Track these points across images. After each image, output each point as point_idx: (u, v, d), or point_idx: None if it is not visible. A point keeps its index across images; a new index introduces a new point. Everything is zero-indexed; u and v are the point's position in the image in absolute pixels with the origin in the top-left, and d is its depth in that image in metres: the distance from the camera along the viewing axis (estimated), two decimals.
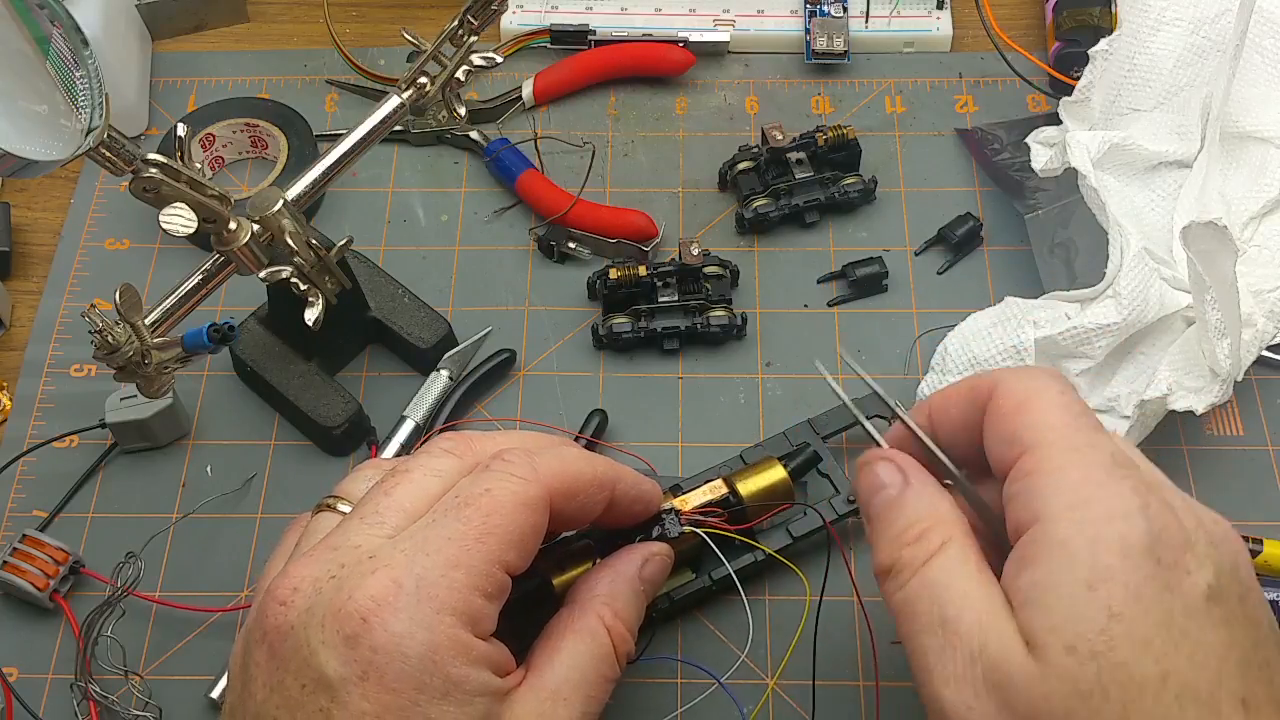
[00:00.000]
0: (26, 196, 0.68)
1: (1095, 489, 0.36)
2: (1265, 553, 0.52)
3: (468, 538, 0.38)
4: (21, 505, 0.57)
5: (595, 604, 0.43)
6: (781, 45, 0.72)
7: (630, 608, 0.43)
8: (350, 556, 0.38)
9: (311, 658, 0.36)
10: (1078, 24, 0.67)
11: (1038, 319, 0.56)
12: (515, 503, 0.39)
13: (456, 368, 0.60)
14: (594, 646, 0.41)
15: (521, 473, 0.40)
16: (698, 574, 0.52)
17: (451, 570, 0.37)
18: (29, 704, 0.52)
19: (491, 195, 0.67)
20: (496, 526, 0.38)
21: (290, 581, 0.38)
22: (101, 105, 0.43)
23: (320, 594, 0.37)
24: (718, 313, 0.60)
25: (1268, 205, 0.60)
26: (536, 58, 0.72)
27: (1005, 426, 0.39)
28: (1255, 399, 0.58)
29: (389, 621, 0.36)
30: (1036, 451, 0.38)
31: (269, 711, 0.37)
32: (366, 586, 0.37)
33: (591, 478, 0.42)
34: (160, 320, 0.50)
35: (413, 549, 0.38)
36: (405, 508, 0.40)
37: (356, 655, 0.36)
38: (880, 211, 0.65)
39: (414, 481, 0.41)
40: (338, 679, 0.36)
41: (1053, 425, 0.38)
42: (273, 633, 0.38)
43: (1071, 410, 0.39)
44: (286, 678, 0.37)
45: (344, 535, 0.39)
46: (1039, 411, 0.38)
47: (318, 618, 0.37)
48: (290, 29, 0.75)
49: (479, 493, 0.39)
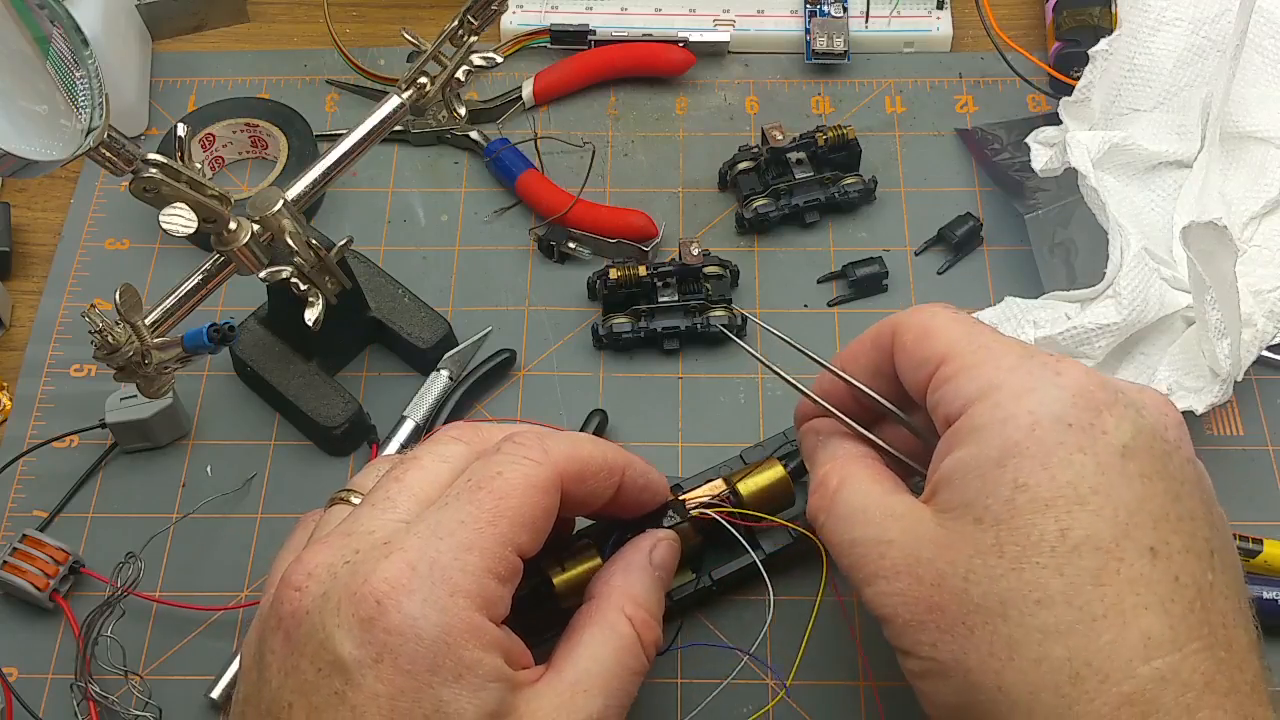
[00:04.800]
0: (26, 196, 0.68)
1: (1006, 374, 0.39)
2: (1265, 553, 0.52)
3: (480, 520, 0.38)
4: (21, 505, 0.57)
5: (613, 596, 0.43)
6: (781, 45, 0.72)
7: (648, 594, 0.43)
8: (364, 542, 0.39)
9: (327, 641, 0.37)
10: (1078, 24, 0.67)
11: (1038, 319, 0.56)
12: (527, 484, 0.39)
13: (456, 368, 0.60)
14: (614, 637, 0.41)
15: (533, 455, 0.40)
16: (698, 574, 0.52)
17: (465, 553, 0.38)
18: (29, 704, 0.52)
19: (491, 195, 0.67)
20: (509, 509, 0.39)
21: (305, 567, 0.38)
22: (101, 105, 0.43)
23: (335, 579, 0.38)
24: (718, 313, 0.60)
25: (1268, 205, 0.60)
26: (536, 58, 0.72)
27: (914, 354, 0.42)
28: (1255, 399, 0.58)
29: (403, 604, 0.36)
30: (948, 361, 0.40)
31: (284, 697, 0.37)
32: (381, 570, 0.37)
33: (602, 461, 0.42)
34: (160, 320, 0.50)
35: (426, 533, 0.38)
36: (417, 494, 0.40)
37: (371, 638, 0.36)
38: (880, 211, 0.65)
39: (425, 468, 0.41)
40: (352, 661, 0.36)
41: (956, 337, 0.41)
42: (288, 618, 0.38)
43: (969, 323, 0.42)
44: (302, 662, 0.37)
45: (357, 522, 0.40)
46: (940, 331, 0.41)
47: (333, 602, 0.37)
48: (290, 29, 0.75)
49: (491, 475, 0.39)
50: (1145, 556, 0.36)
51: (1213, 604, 0.36)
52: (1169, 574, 0.36)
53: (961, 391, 0.39)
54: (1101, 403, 0.38)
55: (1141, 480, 0.37)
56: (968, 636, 0.37)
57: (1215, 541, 0.38)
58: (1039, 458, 0.37)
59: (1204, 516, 0.38)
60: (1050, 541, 0.36)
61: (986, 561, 0.37)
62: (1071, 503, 0.36)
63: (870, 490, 0.42)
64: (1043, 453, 0.37)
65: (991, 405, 0.38)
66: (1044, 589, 0.36)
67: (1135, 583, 0.35)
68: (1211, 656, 0.35)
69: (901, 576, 0.39)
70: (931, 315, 0.42)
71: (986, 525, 0.37)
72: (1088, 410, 0.37)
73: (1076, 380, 0.38)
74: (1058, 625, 0.35)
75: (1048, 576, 0.36)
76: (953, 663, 0.37)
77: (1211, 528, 0.38)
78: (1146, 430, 0.38)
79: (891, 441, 0.46)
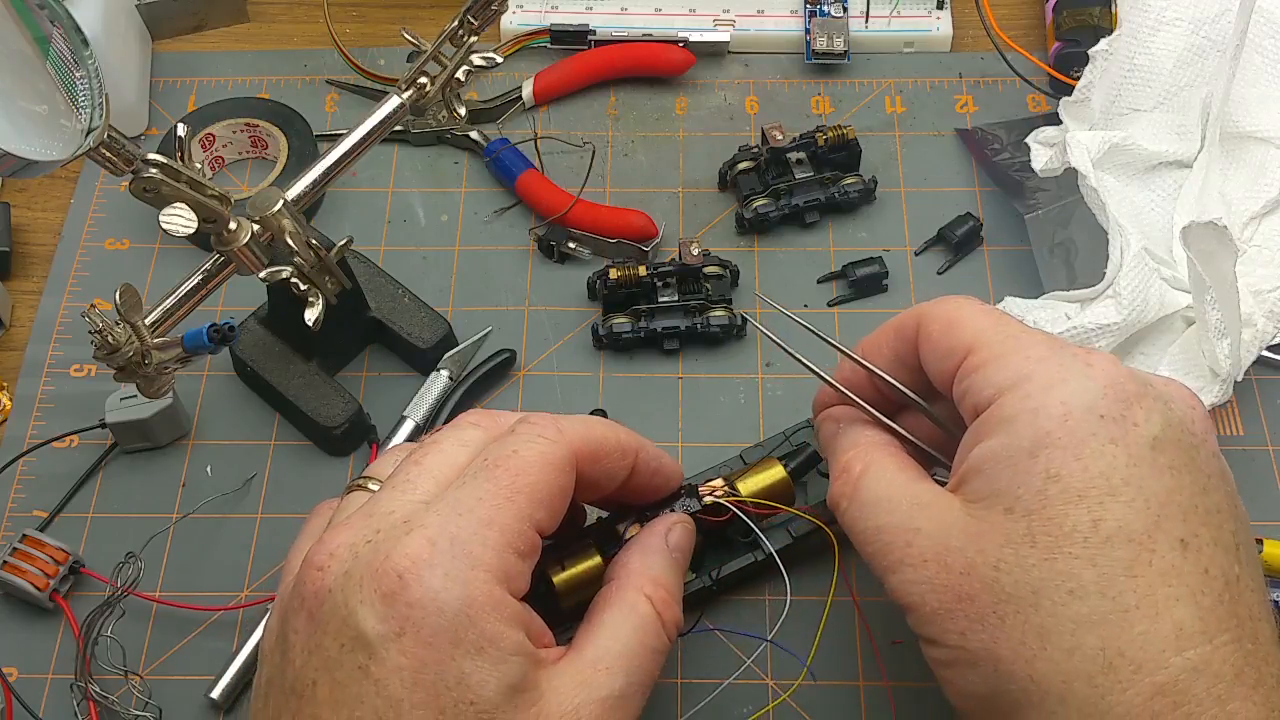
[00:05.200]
0: (26, 196, 0.68)
1: (1036, 364, 0.39)
2: (1265, 553, 0.52)
3: (498, 496, 0.39)
4: (21, 505, 0.57)
5: (632, 577, 0.43)
6: (781, 45, 0.72)
7: (667, 574, 0.44)
8: (385, 522, 0.39)
9: (350, 617, 0.37)
10: (1078, 24, 0.67)
11: (1038, 319, 0.56)
12: (543, 462, 0.40)
13: (456, 368, 0.60)
14: (634, 617, 0.42)
15: (548, 434, 0.41)
16: (698, 574, 0.52)
17: (484, 529, 0.38)
18: (29, 704, 0.52)
19: (491, 195, 0.67)
20: (526, 485, 0.39)
21: (327, 548, 0.39)
22: (101, 105, 0.43)
23: (358, 557, 0.38)
24: (718, 313, 0.60)
25: (1268, 205, 0.60)
26: (536, 58, 0.72)
27: (941, 344, 0.42)
28: (1255, 399, 0.58)
29: (425, 577, 0.37)
30: (976, 351, 0.40)
31: (307, 675, 0.37)
32: (403, 546, 0.37)
33: (616, 443, 0.43)
34: (160, 320, 0.50)
35: (446, 510, 0.39)
36: (436, 475, 0.41)
37: (394, 612, 0.36)
38: (880, 211, 0.65)
39: (443, 451, 0.42)
40: (375, 636, 0.36)
41: (984, 328, 0.41)
42: (311, 598, 0.38)
43: (996, 314, 0.42)
44: (325, 639, 0.37)
45: (378, 503, 0.40)
46: (967, 322, 0.41)
47: (355, 579, 0.37)
48: (290, 29, 0.75)
49: (507, 454, 0.40)
50: (1176, 548, 0.36)
51: (1240, 597, 0.36)
52: (1199, 566, 0.36)
53: (991, 381, 0.39)
54: (1132, 395, 0.38)
55: (1171, 472, 0.37)
56: (999, 626, 0.37)
57: (1241, 535, 0.38)
58: (1071, 449, 0.37)
59: (1230, 510, 0.38)
60: (1083, 532, 0.36)
61: (1018, 551, 0.37)
62: (1104, 494, 0.36)
63: (895, 478, 0.42)
64: (1075, 443, 0.37)
65: (1022, 395, 0.38)
66: (1077, 579, 0.36)
67: (1167, 574, 0.36)
68: (1240, 649, 0.35)
69: (929, 565, 0.39)
70: (958, 306, 0.42)
71: (1018, 515, 0.37)
72: (1119, 402, 0.37)
73: (1107, 372, 0.38)
74: (1091, 615, 0.35)
75: (1080, 567, 0.36)
76: (983, 652, 0.37)
77: (1237, 520, 0.38)
78: (1175, 423, 0.38)
79: (913, 432, 0.46)
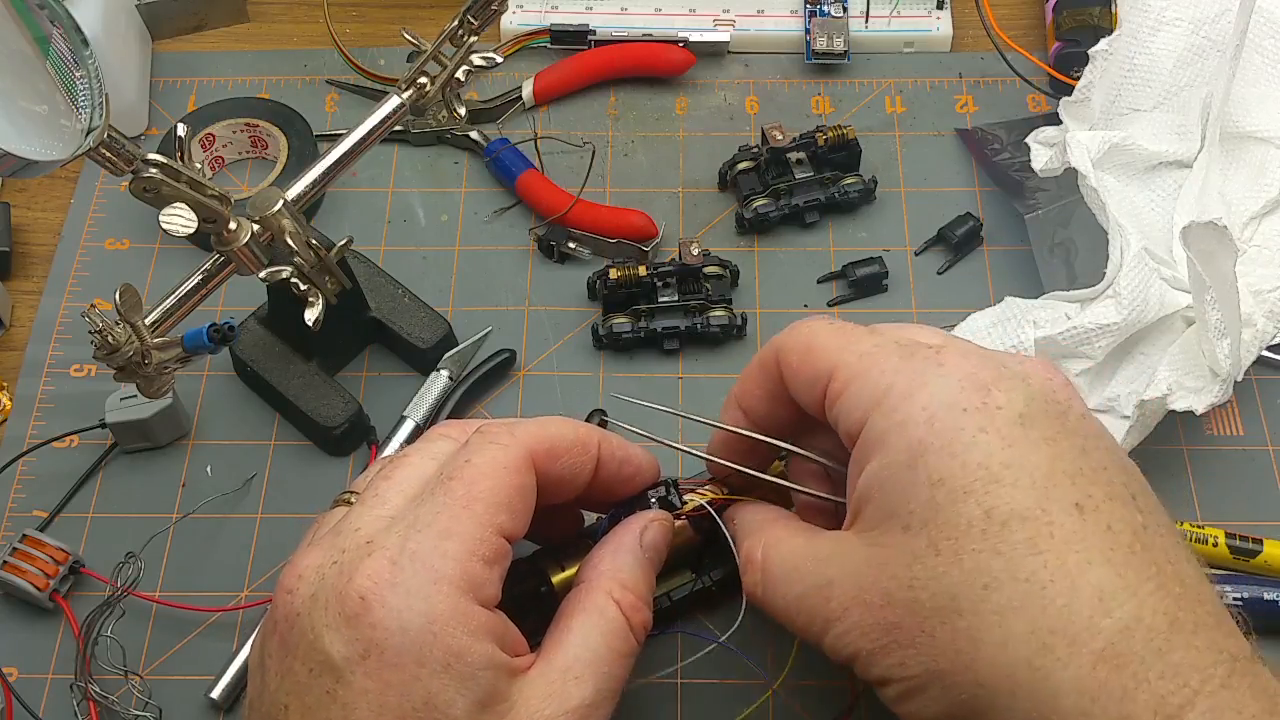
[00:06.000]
0: (26, 196, 0.68)
1: (893, 376, 0.39)
2: (1265, 553, 0.52)
3: (454, 507, 0.39)
4: (21, 505, 0.57)
5: (601, 580, 0.43)
6: (781, 45, 0.72)
7: (636, 576, 0.43)
8: (350, 541, 0.39)
9: (317, 641, 0.37)
10: (1078, 24, 0.67)
11: (1038, 319, 0.56)
12: (495, 466, 0.40)
13: (456, 368, 0.60)
14: (603, 622, 0.41)
15: (500, 440, 0.41)
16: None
17: (443, 541, 0.38)
18: (29, 704, 0.52)
19: (491, 195, 0.67)
20: (482, 492, 0.39)
21: (296, 570, 0.39)
22: (101, 105, 0.43)
23: (324, 580, 0.38)
24: (718, 313, 0.60)
25: (1268, 205, 0.60)
26: (536, 58, 0.72)
27: (802, 373, 0.42)
28: (1255, 399, 0.58)
29: (387, 598, 0.37)
30: (836, 375, 0.40)
31: (280, 699, 0.38)
32: (364, 567, 0.37)
33: (573, 438, 0.43)
34: (160, 320, 0.50)
35: (405, 528, 0.39)
36: (404, 490, 0.41)
37: (358, 634, 0.36)
38: (880, 211, 0.65)
39: (412, 465, 0.42)
40: (341, 660, 0.36)
41: (835, 348, 0.41)
42: (282, 622, 0.38)
43: (845, 331, 0.42)
44: (295, 664, 0.37)
45: (347, 521, 0.40)
46: (820, 346, 0.41)
47: (321, 602, 0.37)
48: (290, 29, 0.75)
49: (460, 464, 0.40)
50: (1073, 514, 0.36)
51: (1152, 544, 0.36)
52: (1100, 524, 0.36)
53: (856, 404, 0.39)
54: (988, 380, 0.38)
55: (1046, 443, 0.37)
56: (930, 643, 0.36)
57: (1133, 486, 0.38)
58: (945, 449, 0.37)
59: (1115, 464, 0.38)
60: (979, 525, 0.36)
61: (926, 564, 0.36)
62: (988, 482, 0.36)
63: (794, 547, 0.42)
64: (947, 442, 0.37)
65: (887, 410, 0.38)
66: (988, 572, 0.35)
67: (1071, 541, 0.35)
68: (1168, 595, 0.35)
69: (851, 611, 0.38)
70: (811, 332, 0.42)
71: (915, 529, 0.37)
72: (977, 391, 0.38)
73: (959, 365, 0.38)
74: (1010, 603, 0.35)
75: (987, 559, 0.36)
76: (925, 674, 0.37)
77: (1126, 473, 0.38)
78: (1038, 396, 0.38)
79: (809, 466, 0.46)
